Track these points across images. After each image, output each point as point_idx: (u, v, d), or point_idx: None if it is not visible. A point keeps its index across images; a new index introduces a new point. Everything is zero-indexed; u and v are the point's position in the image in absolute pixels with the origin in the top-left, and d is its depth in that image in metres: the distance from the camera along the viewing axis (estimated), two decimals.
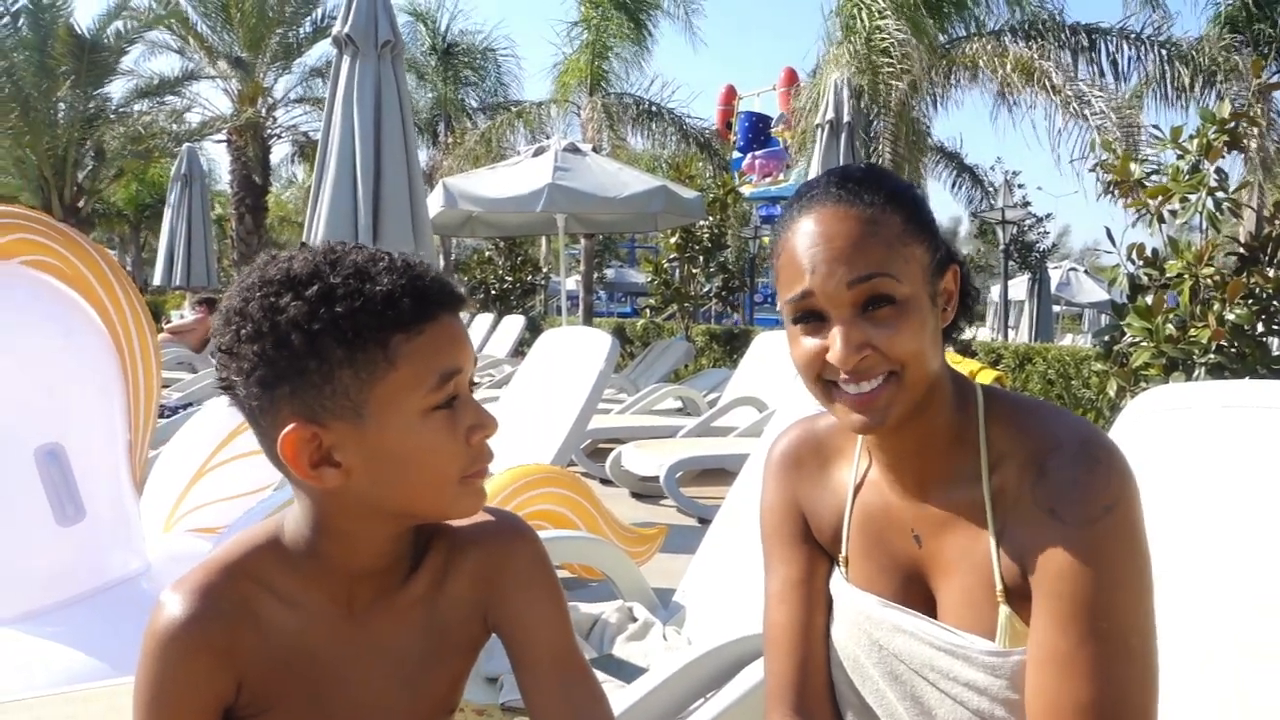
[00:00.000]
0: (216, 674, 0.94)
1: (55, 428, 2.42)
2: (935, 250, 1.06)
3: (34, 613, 2.38)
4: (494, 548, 1.04)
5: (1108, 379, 4.54)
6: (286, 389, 0.88)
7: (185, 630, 0.92)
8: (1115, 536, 0.98)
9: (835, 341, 1.02)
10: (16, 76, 16.78)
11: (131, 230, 31.29)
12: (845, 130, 8.05)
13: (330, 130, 5.86)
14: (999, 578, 1.03)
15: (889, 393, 1.03)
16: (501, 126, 16.82)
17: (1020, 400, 1.13)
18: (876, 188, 1.05)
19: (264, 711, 0.97)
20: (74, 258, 2.51)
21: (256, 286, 0.90)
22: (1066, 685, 0.96)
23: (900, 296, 1.01)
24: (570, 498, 3.54)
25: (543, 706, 1.01)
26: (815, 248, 1.03)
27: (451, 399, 0.91)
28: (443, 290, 0.92)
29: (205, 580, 0.95)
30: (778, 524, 1.25)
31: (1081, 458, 1.01)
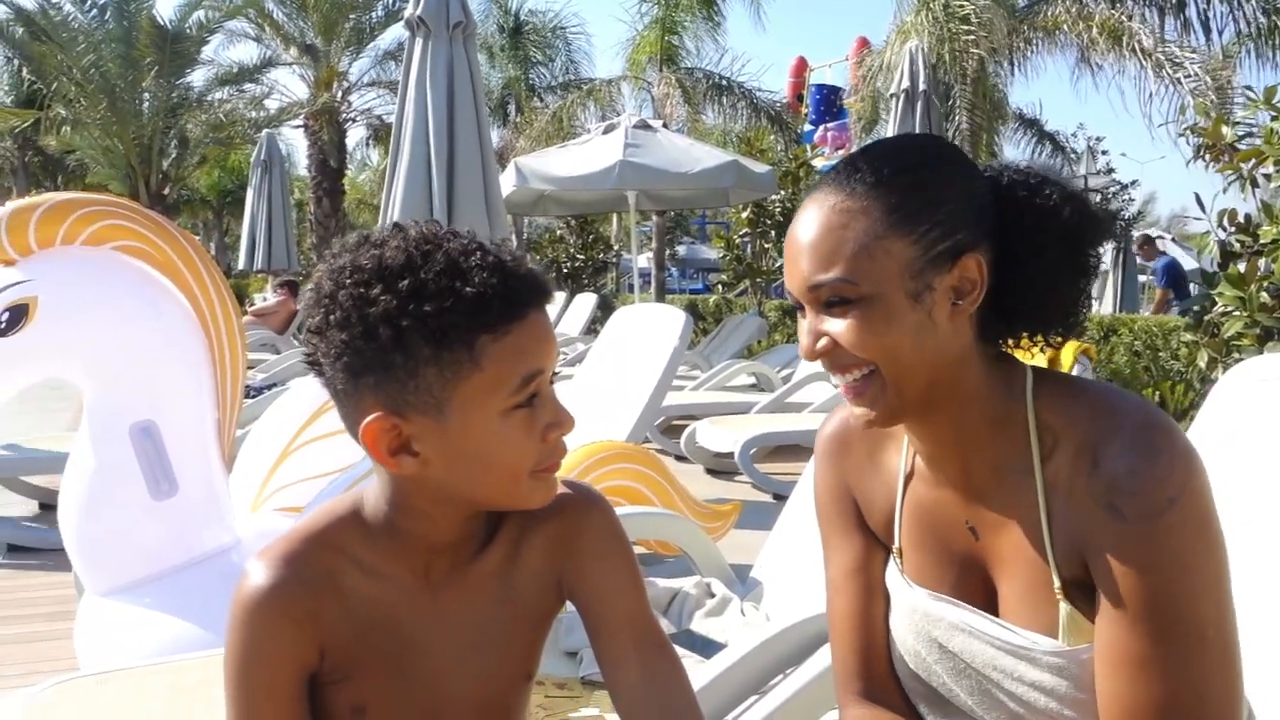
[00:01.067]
0: (300, 640, 0.96)
1: (148, 406, 2.51)
2: (936, 239, 0.98)
3: (131, 585, 2.48)
4: (567, 518, 1.04)
5: (1198, 350, 4.39)
6: (371, 379, 0.89)
7: (270, 597, 0.95)
8: (1181, 529, 0.92)
9: (801, 333, 1.03)
10: (104, 68, 17.29)
11: (214, 216, 32.15)
12: (921, 99, 7.89)
13: (404, 113, 5.93)
14: (1056, 574, 0.99)
15: (873, 389, 1.01)
16: (573, 105, 16.84)
17: (1073, 381, 1.06)
18: (873, 170, 1.00)
19: (346, 678, 0.99)
20: (162, 243, 2.58)
21: (348, 272, 0.90)
22: (1142, 687, 0.92)
23: (856, 296, 0.98)
24: (645, 474, 3.55)
25: (620, 675, 1.02)
26: (792, 241, 1.03)
27: (532, 397, 0.92)
28: (533, 287, 0.92)
29: (288, 549, 0.98)
30: (831, 510, 1.22)
31: (1139, 445, 0.94)
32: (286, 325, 11.63)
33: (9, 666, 2.97)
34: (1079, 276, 1.04)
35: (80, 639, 2.49)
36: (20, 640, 3.19)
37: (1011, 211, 1.02)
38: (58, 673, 1.96)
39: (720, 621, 2.38)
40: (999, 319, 1.04)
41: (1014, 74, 12.38)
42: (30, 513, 4.75)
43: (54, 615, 3.33)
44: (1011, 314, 1.04)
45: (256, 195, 13.69)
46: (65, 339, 2.42)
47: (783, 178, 11.97)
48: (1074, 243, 1.03)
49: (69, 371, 2.51)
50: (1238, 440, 1.49)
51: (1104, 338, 8.48)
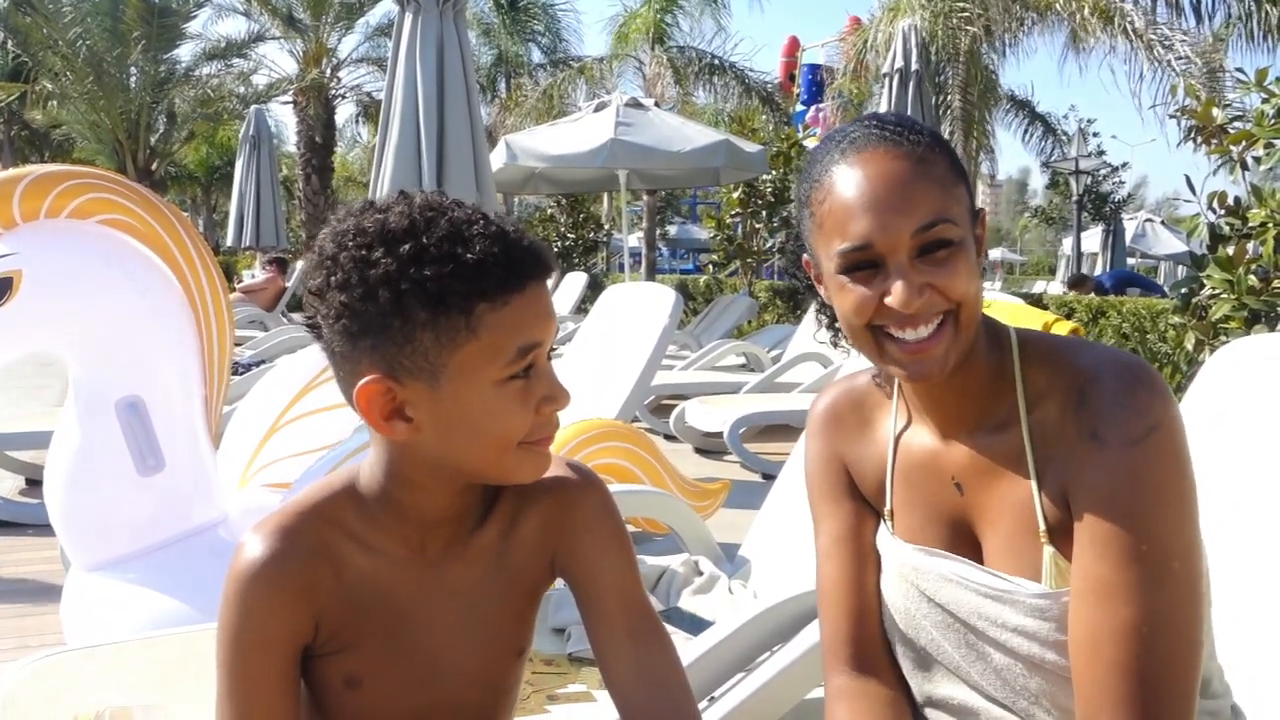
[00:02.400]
0: (295, 612, 0.96)
1: (135, 381, 2.49)
2: (970, 194, 1.05)
3: (117, 560, 2.47)
4: (562, 494, 1.05)
5: (1186, 333, 4.41)
6: (368, 342, 0.89)
7: (265, 569, 0.95)
8: (1158, 458, 0.96)
9: (897, 286, 0.99)
10: (90, 42, 17.12)
11: (203, 192, 31.94)
12: (914, 79, 7.86)
13: (394, 89, 5.89)
14: (1042, 518, 1.02)
15: (946, 338, 1.02)
16: (563, 83, 16.75)
17: (1053, 337, 1.11)
18: (918, 129, 1.04)
19: (341, 651, 1.00)
20: (149, 217, 2.56)
21: (350, 235, 0.90)
22: (1107, 610, 0.95)
23: (956, 238, 1.00)
24: (634, 452, 3.55)
25: (612, 653, 1.02)
26: (870, 193, 1.00)
27: (528, 369, 0.92)
28: (534, 260, 0.91)
29: (285, 522, 0.98)
30: (821, 480, 1.24)
31: (1122, 380, 0.99)
32: (275, 302, 11.58)
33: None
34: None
35: (67, 614, 2.49)
36: (7, 615, 3.19)
37: None
38: (45, 647, 1.96)
39: (708, 599, 2.39)
40: None
41: (1006, 55, 12.35)
42: (16, 488, 4.73)
43: (40, 590, 3.33)
44: None
45: (245, 172, 13.60)
46: (50, 313, 2.40)
47: (774, 158, 11.94)
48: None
49: (54, 346, 2.49)
50: (1225, 421, 1.50)
51: (1092, 320, 8.51)
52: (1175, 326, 4.90)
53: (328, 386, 2.91)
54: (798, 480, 2.64)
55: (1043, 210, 25.64)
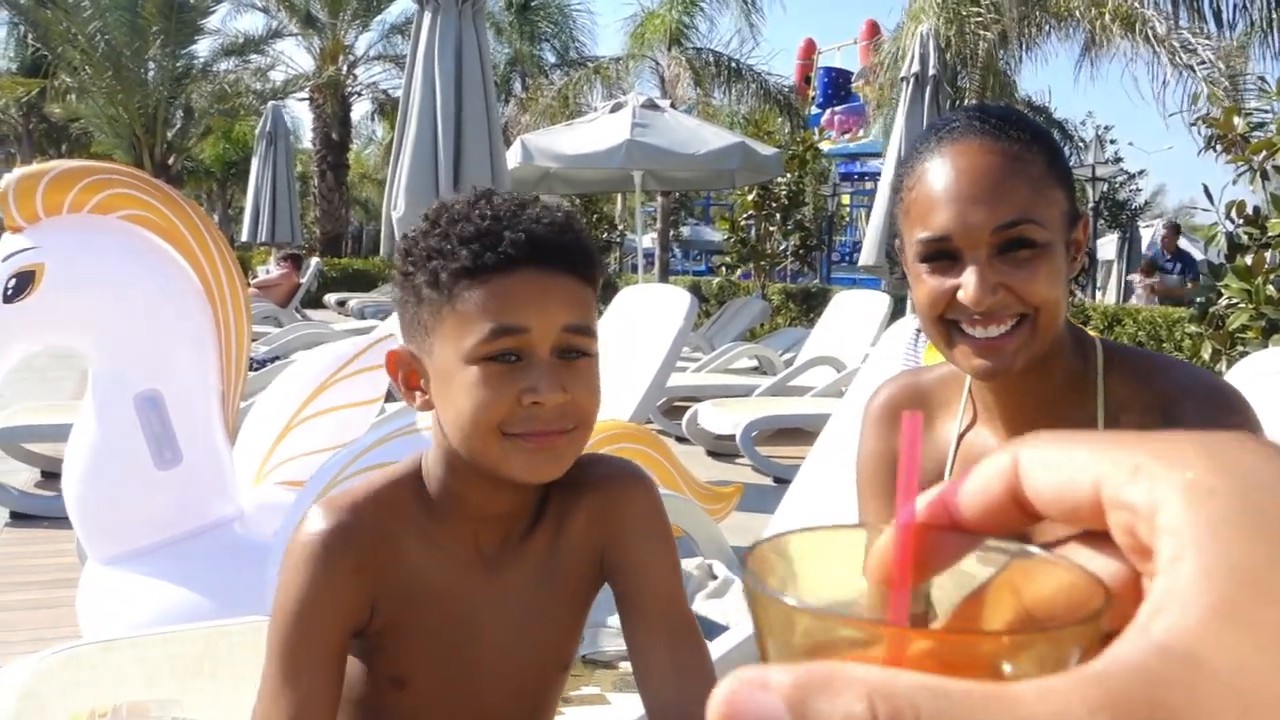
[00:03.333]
0: (355, 588, 0.95)
1: (153, 375, 2.50)
2: (1071, 197, 1.02)
3: (134, 553, 2.48)
4: (612, 491, 1.04)
5: (1202, 342, 4.39)
6: (400, 314, 0.98)
7: (332, 539, 0.94)
8: None
9: (969, 281, 0.98)
10: (109, 36, 17.22)
11: (218, 187, 32.06)
12: (931, 84, 7.84)
13: (412, 87, 5.90)
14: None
15: (1019, 339, 0.99)
16: (579, 83, 16.76)
17: (1142, 352, 1.09)
18: (1020, 124, 1.01)
19: (389, 646, 0.99)
20: (169, 212, 2.58)
21: (433, 209, 0.97)
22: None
23: (1041, 241, 0.97)
24: (648, 454, 3.54)
25: (648, 657, 1.01)
26: (956, 185, 0.99)
27: (511, 355, 0.90)
28: (539, 247, 0.91)
29: (353, 500, 0.98)
30: (872, 475, 1.22)
31: (1210, 405, 0.97)
32: (289, 298, 11.63)
33: (12, 633, 2.99)
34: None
35: (83, 606, 2.50)
36: (23, 607, 3.21)
37: None
38: (61, 640, 1.97)
39: (722, 604, 2.39)
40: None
41: (1022, 61, 12.31)
42: (32, 481, 4.76)
43: (57, 583, 3.34)
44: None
45: (261, 167, 13.65)
46: (71, 306, 2.42)
47: (789, 160, 11.93)
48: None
49: (74, 339, 2.51)
50: None
51: (1108, 328, 8.48)
52: (1192, 335, 4.89)
53: (344, 384, 2.92)
54: (813, 485, 2.64)
55: None
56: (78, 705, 1.75)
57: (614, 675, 1.98)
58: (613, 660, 2.01)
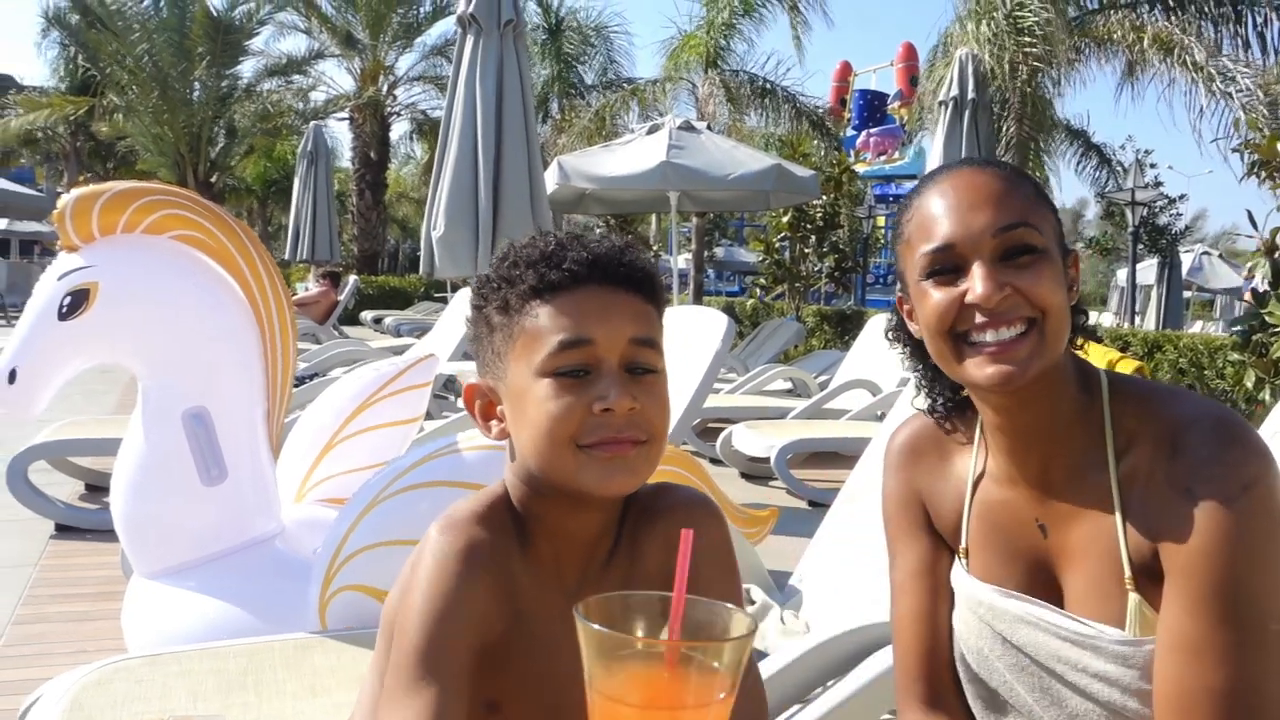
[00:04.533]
0: (487, 601, 0.96)
1: (201, 392, 2.55)
2: (1061, 229, 1.07)
3: (178, 567, 2.52)
4: (684, 519, 1.00)
5: (1245, 370, 4.33)
6: (475, 350, 1.02)
7: (470, 552, 0.96)
8: (1255, 516, 0.95)
9: (976, 281, 1.00)
10: (157, 57, 17.58)
11: (259, 205, 32.54)
12: (969, 108, 7.83)
13: (453, 108, 5.98)
14: (1127, 564, 1.00)
15: (1030, 344, 1.00)
16: (615, 105, 16.86)
17: (1146, 383, 1.11)
18: (1005, 167, 1.08)
19: (494, 664, 0.98)
20: (219, 233, 2.62)
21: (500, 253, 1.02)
22: (1198, 670, 0.93)
23: (1042, 246, 1.02)
24: (683, 476, 3.54)
25: None
26: (956, 198, 1.04)
27: (580, 370, 0.92)
28: (600, 263, 0.95)
29: (474, 515, 0.99)
30: (898, 514, 1.24)
31: (1219, 434, 0.98)
32: (328, 315, 11.77)
33: (57, 645, 3.03)
34: None
35: (127, 619, 2.54)
36: (68, 619, 3.25)
37: None
38: (104, 652, 2.01)
39: (760, 628, 2.39)
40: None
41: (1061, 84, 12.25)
42: (76, 493, 4.84)
43: (101, 595, 3.39)
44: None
45: (302, 186, 13.85)
46: (123, 324, 2.46)
47: (824, 182, 11.92)
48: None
49: (125, 356, 2.55)
50: None
51: (1148, 354, 8.37)
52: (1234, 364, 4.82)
53: (385, 403, 2.95)
54: (850, 509, 2.62)
55: (1097, 241, 25.28)
56: (124, 718, 1.78)
57: None
58: None
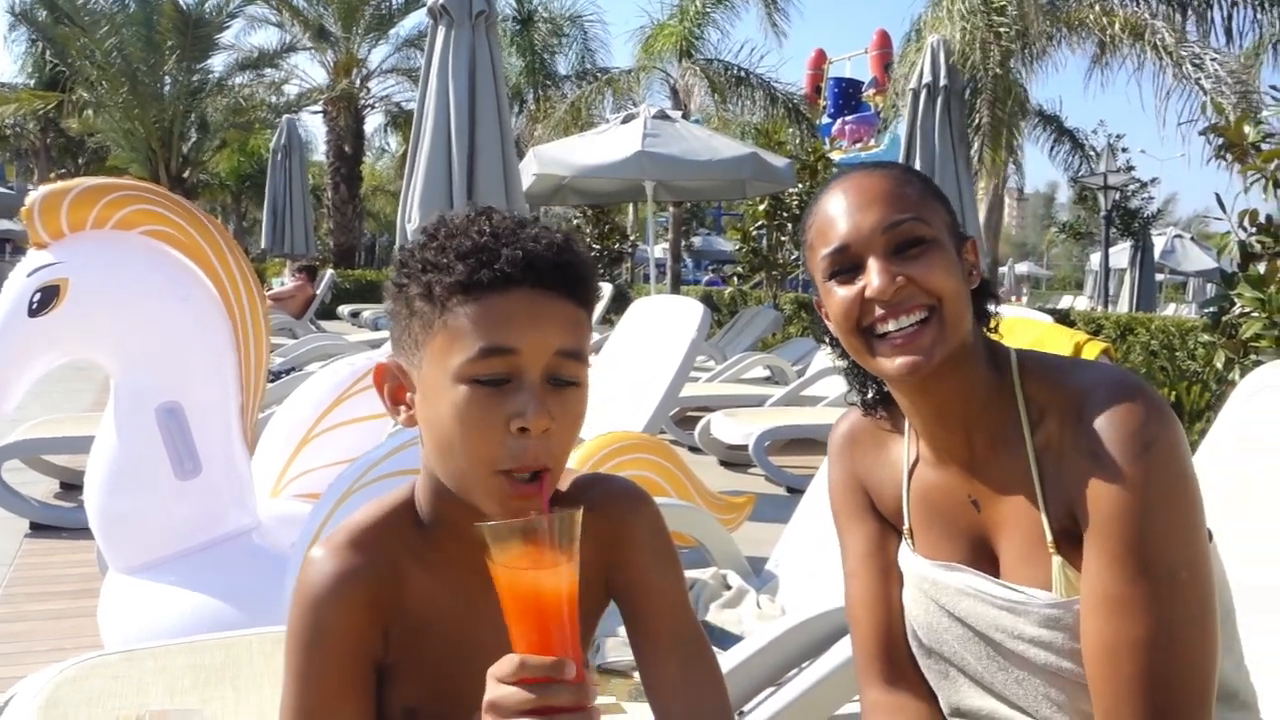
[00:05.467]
0: (367, 627, 0.96)
1: (174, 387, 2.54)
2: (953, 220, 1.12)
3: (154, 563, 2.52)
4: (614, 512, 1.04)
5: (1215, 351, 4.38)
6: (392, 326, 0.96)
7: (336, 583, 0.95)
8: (1158, 471, 0.99)
9: (872, 275, 1.06)
10: (125, 51, 17.40)
11: (233, 200, 32.27)
12: (942, 94, 7.85)
13: (426, 100, 5.95)
14: (1048, 529, 1.05)
15: (932, 331, 1.05)
16: (591, 95, 16.81)
17: (1051, 357, 1.17)
18: (895, 166, 1.14)
19: (401, 676, 0.99)
20: (190, 228, 2.62)
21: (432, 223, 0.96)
22: (1120, 624, 0.98)
23: (931, 237, 1.07)
24: (661, 465, 3.57)
25: (657, 672, 1.03)
26: (845, 202, 1.09)
27: (499, 380, 0.87)
28: (537, 266, 0.88)
29: (352, 537, 0.98)
30: (844, 502, 1.28)
31: (1117, 396, 1.03)
32: (304, 309, 11.70)
33: (34, 643, 3.02)
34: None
35: (104, 616, 2.53)
36: (45, 617, 3.24)
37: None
38: (82, 649, 2.00)
39: (736, 613, 2.41)
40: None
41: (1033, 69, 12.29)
42: (51, 492, 4.80)
43: (77, 593, 3.38)
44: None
45: (276, 181, 13.74)
46: (94, 320, 2.46)
47: (800, 170, 11.94)
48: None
49: (97, 352, 2.54)
50: (1260, 443, 1.50)
51: (1120, 337, 8.46)
52: (1205, 344, 4.88)
53: (361, 397, 2.95)
54: (825, 495, 2.65)
55: (1070, 225, 25.44)
56: (100, 715, 1.78)
57: (629, 684, 2.00)
58: (627, 670, 2.02)
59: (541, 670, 0.81)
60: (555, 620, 0.83)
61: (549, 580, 0.83)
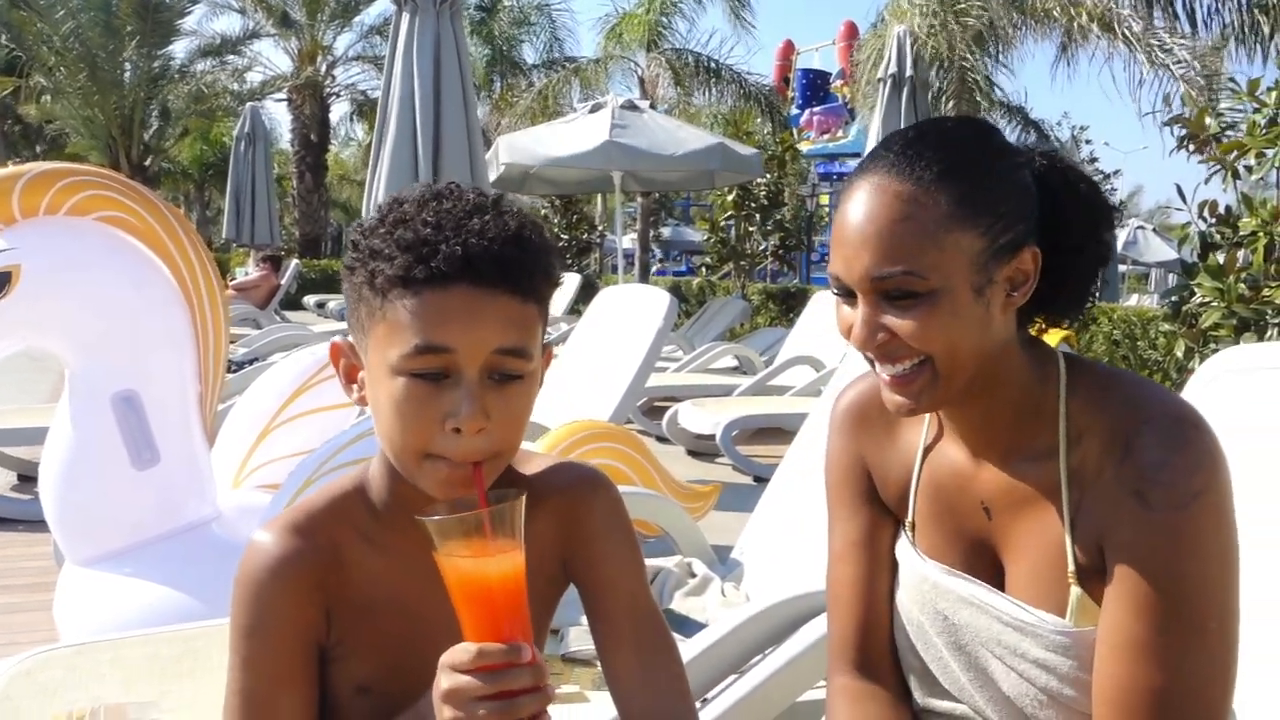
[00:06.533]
0: (307, 609, 0.96)
1: (130, 375, 2.50)
2: (1000, 232, 0.97)
3: (111, 554, 2.48)
4: (573, 496, 1.04)
5: (1175, 340, 4.43)
6: (347, 304, 0.94)
7: (277, 566, 0.95)
8: (1203, 523, 0.94)
9: (856, 321, 0.99)
10: (84, 36, 17.09)
11: (196, 189, 31.87)
12: (908, 84, 7.89)
13: (390, 88, 5.90)
14: (1072, 558, 1.00)
15: (922, 380, 0.99)
16: (558, 84, 16.74)
17: (1106, 370, 1.06)
18: (936, 158, 0.97)
19: (349, 656, 0.99)
20: (146, 215, 2.57)
21: (387, 203, 0.94)
22: (1140, 671, 0.94)
23: (925, 290, 0.95)
24: (627, 454, 3.56)
25: (617, 658, 1.02)
26: (846, 229, 0.98)
27: (436, 375, 0.87)
28: (478, 264, 0.86)
29: (295, 520, 0.98)
30: (841, 481, 1.21)
31: (1172, 437, 0.96)
32: (268, 300, 11.58)
33: None
34: (1102, 264, 1.07)
35: (60, 609, 2.49)
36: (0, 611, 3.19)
37: (1048, 201, 1.02)
38: (37, 644, 1.96)
39: (701, 601, 2.41)
40: (1031, 305, 1.04)
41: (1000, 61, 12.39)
42: (8, 484, 4.72)
43: (33, 586, 3.32)
44: (1044, 301, 1.04)
45: (240, 169, 13.58)
46: (47, 307, 2.41)
47: (768, 161, 11.96)
48: (1102, 231, 1.05)
49: (51, 340, 2.50)
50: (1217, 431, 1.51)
51: (1083, 326, 8.55)
52: (1165, 334, 4.94)
53: (323, 387, 2.92)
54: (790, 483, 2.65)
55: None
56: (55, 708, 1.74)
57: (593, 673, 1.99)
58: (591, 659, 2.02)
59: (498, 657, 0.82)
60: (506, 606, 0.84)
61: (494, 568, 0.83)
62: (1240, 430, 1.48)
